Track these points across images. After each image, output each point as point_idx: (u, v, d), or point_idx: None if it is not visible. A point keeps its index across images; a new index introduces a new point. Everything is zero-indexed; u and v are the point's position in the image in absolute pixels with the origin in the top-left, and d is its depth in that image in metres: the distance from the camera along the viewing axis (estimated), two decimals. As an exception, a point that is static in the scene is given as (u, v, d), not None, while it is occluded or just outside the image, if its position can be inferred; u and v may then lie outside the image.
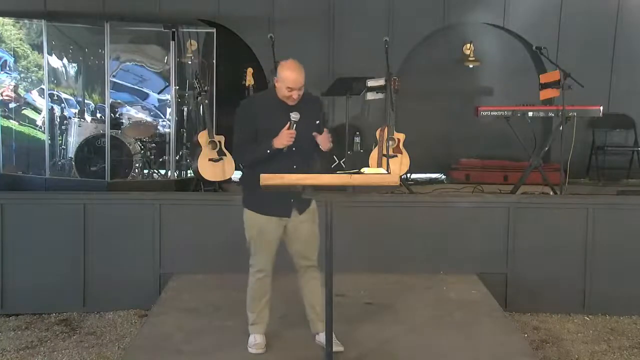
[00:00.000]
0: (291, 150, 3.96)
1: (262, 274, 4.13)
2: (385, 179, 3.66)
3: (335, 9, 8.17)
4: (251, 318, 4.21)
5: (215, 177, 6.57)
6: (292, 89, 3.94)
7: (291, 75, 3.93)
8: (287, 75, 3.93)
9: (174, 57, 7.04)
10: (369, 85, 7.12)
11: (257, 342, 4.15)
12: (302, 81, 3.95)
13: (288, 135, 3.92)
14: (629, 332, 5.47)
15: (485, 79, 8.56)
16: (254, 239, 4.11)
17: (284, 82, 3.95)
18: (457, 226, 5.95)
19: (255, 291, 4.17)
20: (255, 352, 4.11)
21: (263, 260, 4.11)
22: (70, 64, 7.63)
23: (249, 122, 4.05)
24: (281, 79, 3.96)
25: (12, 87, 7.23)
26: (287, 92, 3.96)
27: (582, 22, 8.21)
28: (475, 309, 5.00)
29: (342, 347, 4.05)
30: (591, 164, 8.03)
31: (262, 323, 4.20)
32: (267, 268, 4.13)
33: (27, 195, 6.14)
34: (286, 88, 3.94)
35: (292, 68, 3.95)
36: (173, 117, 7.14)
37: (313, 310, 4.17)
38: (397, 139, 6.67)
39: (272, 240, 4.09)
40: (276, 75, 4.01)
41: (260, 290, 4.16)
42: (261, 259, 4.11)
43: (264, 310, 4.19)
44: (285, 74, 3.94)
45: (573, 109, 6.60)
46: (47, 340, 5.19)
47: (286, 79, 3.93)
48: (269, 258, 4.11)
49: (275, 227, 4.07)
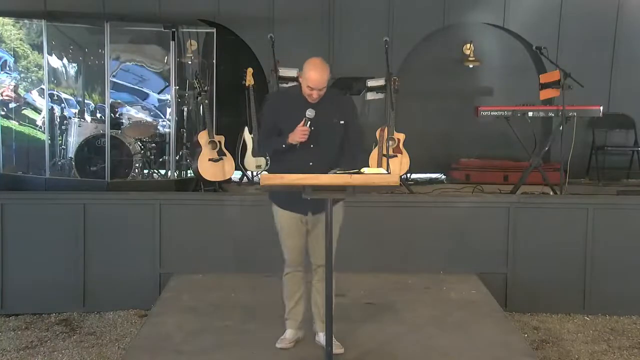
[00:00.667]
0: (308, 147, 3.97)
1: (290, 268, 4.15)
2: (385, 179, 3.66)
3: (335, 9, 8.17)
4: (285, 312, 4.23)
5: (215, 177, 6.57)
6: (312, 89, 3.94)
7: (314, 75, 3.92)
8: (310, 75, 3.93)
9: (174, 57, 7.03)
10: (369, 85, 7.12)
11: (283, 337, 4.18)
12: (324, 82, 3.94)
13: (301, 132, 3.93)
14: (629, 332, 5.47)
15: (485, 79, 8.56)
16: (280, 233, 4.14)
17: (306, 80, 3.96)
18: (457, 226, 5.95)
19: (285, 286, 4.19)
20: (280, 347, 4.14)
21: (290, 256, 4.13)
22: (70, 64, 7.62)
23: (271, 115, 4.11)
24: (304, 77, 3.97)
25: (12, 87, 7.23)
26: (307, 91, 3.97)
27: (582, 22, 8.21)
28: (475, 309, 5.00)
29: (342, 349, 4.05)
30: (591, 164, 8.02)
31: (293, 319, 4.21)
32: (294, 264, 4.14)
33: (27, 195, 6.14)
34: (307, 87, 3.95)
35: (316, 68, 3.93)
36: (173, 117, 7.13)
37: (317, 309, 4.18)
38: (397, 139, 6.66)
39: (296, 235, 4.07)
40: (300, 70, 4.01)
41: (292, 286, 4.17)
42: (288, 254, 4.13)
43: (297, 306, 4.19)
44: (309, 73, 3.94)
45: (573, 109, 6.59)
46: (47, 340, 5.19)
47: (308, 78, 3.94)
48: (296, 253, 4.12)
49: (297, 222, 4.07)
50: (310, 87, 3.93)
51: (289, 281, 4.19)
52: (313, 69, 3.93)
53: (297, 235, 4.09)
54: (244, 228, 5.90)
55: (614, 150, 8.11)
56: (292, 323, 4.22)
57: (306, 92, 3.97)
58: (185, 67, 7.46)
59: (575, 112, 6.62)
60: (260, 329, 4.52)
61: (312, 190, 3.63)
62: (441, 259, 5.89)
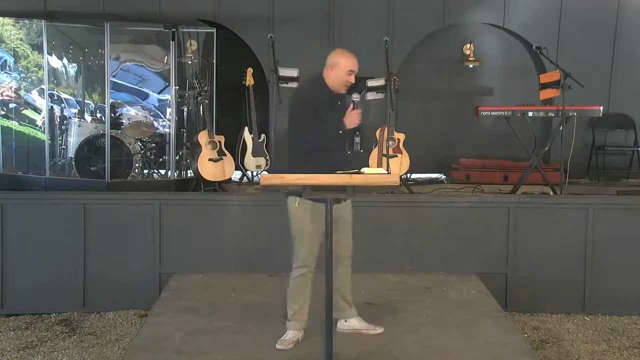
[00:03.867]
0: (343, 135, 4.15)
1: (304, 269, 4.14)
2: (385, 179, 3.66)
3: (335, 9, 8.18)
4: (289, 313, 4.23)
5: (215, 177, 6.57)
6: (352, 72, 4.10)
7: (351, 59, 4.12)
8: (346, 61, 4.11)
9: (174, 57, 7.04)
10: (369, 85, 7.12)
11: (284, 338, 4.18)
12: None
13: (357, 114, 4.09)
14: (629, 332, 5.47)
15: (485, 79, 8.57)
16: (300, 232, 4.12)
17: (343, 67, 4.10)
18: (457, 226, 5.95)
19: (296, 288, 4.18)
20: (281, 348, 4.13)
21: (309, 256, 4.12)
22: (70, 64, 7.63)
23: (308, 108, 4.12)
24: (339, 65, 4.11)
25: (13, 88, 7.23)
26: (346, 77, 4.11)
27: (582, 22, 8.22)
28: (475, 309, 5.00)
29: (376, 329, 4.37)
30: (591, 164, 8.03)
31: (298, 320, 4.21)
32: (310, 264, 4.14)
33: (27, 195, 6.14)
34: (347, 72, 4.10)
35: (346, 54, 4.15)
36: (173, 117, 7.14)
37: (344, 298, 4.30)
38: (397, 139, 6.67)
39: (318, 230, 4.05)
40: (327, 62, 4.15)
41: (303, 287, 4.16)
42: (306, 253, 4.11)
43: (303, 308, 4.20)
44: (345, 59, 4.12)
45: (573, 109, 6.59)
46: (47, 340, 5.19)
47: (345, 64, 4.11)
48: (313, 252, 4.12)
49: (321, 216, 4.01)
50: (351, 71, 4.11)
51: (300, 283, 4.17)
52: (345, 54, 4.15)
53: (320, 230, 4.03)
54: (244, 228, 5.90)
55: (614, 150, 8.12)
56: (296, 324, 4.21)
57: (345, 78, 4.12)
58: (185, 67, 7.47)
59: (575, 112, 6.62)
60: (260, 329, 4.52)
61: (312, 190, 3.63)
62: (441, 259, 5.89)
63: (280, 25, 7.90)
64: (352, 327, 4.37)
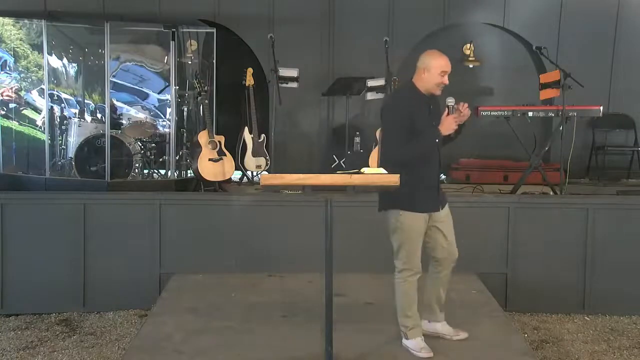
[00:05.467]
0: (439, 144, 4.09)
1: (411, 272, 4.07)
2: (385, 179, 3.65)
3: (335, 9, 8.17)
4: (408, 321, 4.11)
5: (215, 177, 6.58)
6: (445, 72, 4.01)
7: (441, 59, 4.02)
8: (441, 61, 4.02)
9: (174, 57, 7.04)
10: (369, 85, 7.13)
11: (423, 346, 4.06)
12: None
13: (453, 119, 4.02)
14: (629, 332, 5.47)
15: (485, 79, 8.57)
16: (410, 241, 4.04)
17: (437, 68, 4.01)
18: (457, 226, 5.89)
19: (407, 294, 4.08)
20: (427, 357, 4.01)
21: (415, 260, 4.06)
22: (70, 64, 7.63)
23: (404, 118, 4.03)
24: (433, 67, 4.02)
25: (13, 88, 7.23)
26: (440, 79, 4.02)
27: (582, 22, 8.22)
28: (475, 309, 5.00)
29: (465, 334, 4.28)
30: (591, 164, 8.03)
31: (419, 325, 4.16)
32: (417, 267, 4.09)
33: (27, 195, 6.14)
34: (440, 73, 4.01)
35: (437, 54, 4.04)
36: (173, 117, 7.14)
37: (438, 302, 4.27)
38: (397, 139, 6.65)
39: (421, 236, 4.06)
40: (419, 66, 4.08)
41: (414, 292, 4.09)
42: (412, 258, 4.05)
43: (417, 312, 4.15)
44: (438, 60, 4.02)
45: (573, 109, 6.59)
46: (47, 340, 5.19)
47: (439, 65, 4.01)
48: (418, 256, 4.09)
49: (425, 224, 4.06)
50: (444, 72, 4.01)
51: (411, 288, 4.07)
52: (436, 55, 4.04)
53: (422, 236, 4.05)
54: (244, 228, 5.90)
55: (614, 150, 8.11)
56: (419, 330, 4.12)
57: (438, 80, 4.03)
58: (185, 67, 7.47)
59: (575, 112, 6.62)
60: (261, 329, 4.52)
61: (312, 190, 3.63)
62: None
63: (280, 25, 7.90)
64: (435, 330, 4.30)
